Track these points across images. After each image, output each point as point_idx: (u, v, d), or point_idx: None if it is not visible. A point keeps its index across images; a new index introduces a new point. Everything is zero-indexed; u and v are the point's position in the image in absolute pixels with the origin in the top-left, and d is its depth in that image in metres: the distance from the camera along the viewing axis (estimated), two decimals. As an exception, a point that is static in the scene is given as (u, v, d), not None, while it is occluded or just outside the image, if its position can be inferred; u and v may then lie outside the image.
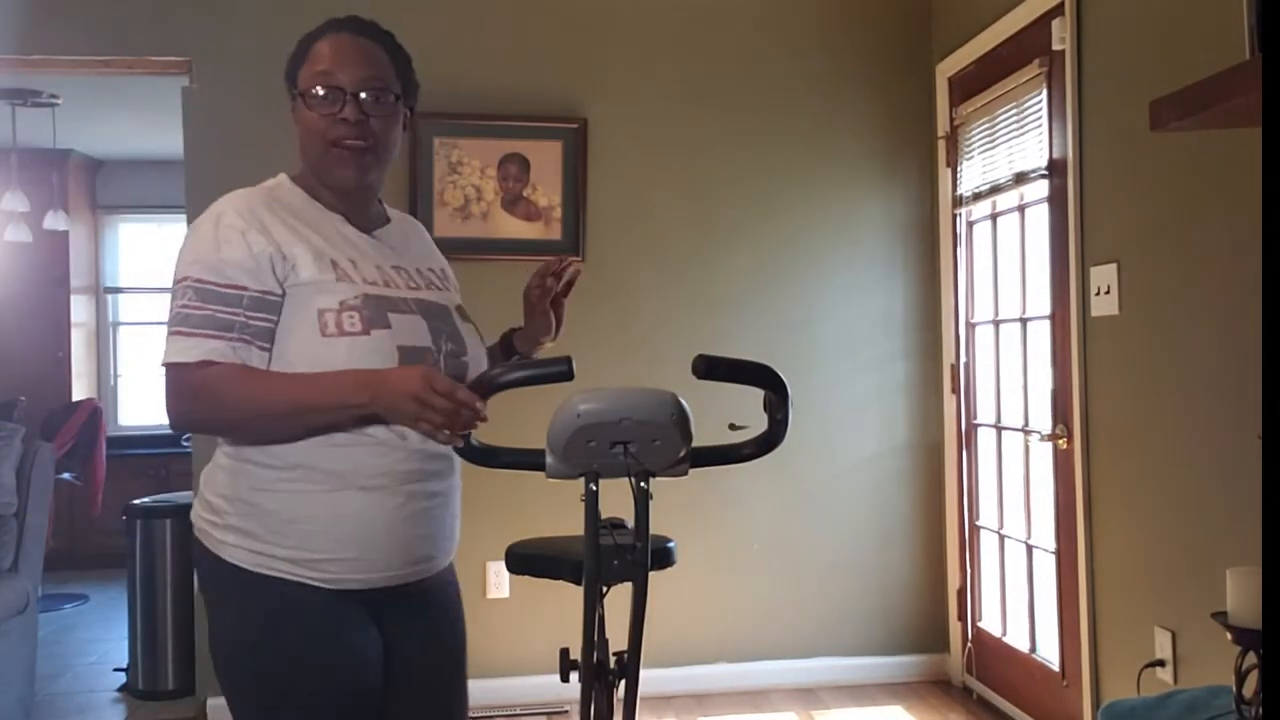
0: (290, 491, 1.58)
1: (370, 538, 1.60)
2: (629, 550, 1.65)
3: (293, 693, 1.57)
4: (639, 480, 1.62)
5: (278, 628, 1.58)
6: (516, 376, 1.64)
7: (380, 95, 1.66)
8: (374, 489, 1.59)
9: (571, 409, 1.58)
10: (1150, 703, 2.08)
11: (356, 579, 1.60)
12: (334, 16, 1.73)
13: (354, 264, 1.64)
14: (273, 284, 1.57)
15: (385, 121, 1.66)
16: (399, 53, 1.74)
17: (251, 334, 1.56)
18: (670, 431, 1.60)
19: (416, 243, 1.84)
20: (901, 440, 4.08)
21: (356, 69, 1.65)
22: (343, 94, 1.63)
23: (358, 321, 1.57)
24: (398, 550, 1.63)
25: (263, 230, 1.59)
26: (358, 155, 1.65)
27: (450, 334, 1.68)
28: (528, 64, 3.92)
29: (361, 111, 1.64)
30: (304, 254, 1.60)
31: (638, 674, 1.70)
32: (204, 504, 1.67)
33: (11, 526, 3.56)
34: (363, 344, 1.56)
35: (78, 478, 5.92)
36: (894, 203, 4.10)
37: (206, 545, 1.63)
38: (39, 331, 6.72)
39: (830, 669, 4.01)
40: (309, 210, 1.68)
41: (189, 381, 1.56)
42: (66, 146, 6.55)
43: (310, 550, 1.57)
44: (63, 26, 3.77)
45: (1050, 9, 3.20)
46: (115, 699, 4.09)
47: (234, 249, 1.57)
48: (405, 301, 1.65)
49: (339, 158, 1.65)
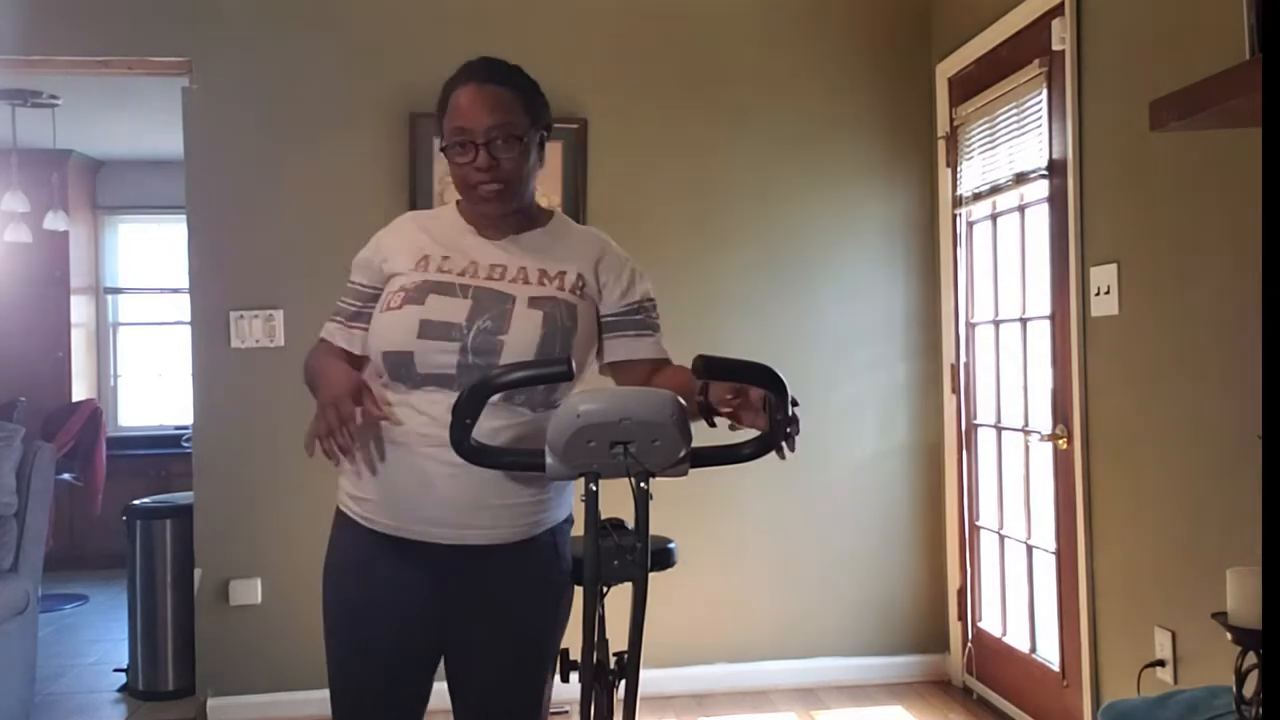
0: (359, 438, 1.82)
1: (393, 496, 1.82)
2: (629, 551, 1.65)
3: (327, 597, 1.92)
4: (639, 480, 1.62)
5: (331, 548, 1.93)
6: (516, 377, 1.65)
7: (507, 139, 1.84)
8: (399, 444, 1.80)
9: (571, 409, 1.58)
10: (1150, 703, 2.08)
11: (382, 522, 1.83)
12: (469, 61, 1.91)
13: (446, 259, 1.88)
14: (376, 280, 1.93)
15: (515, 160, 1.86)
16: (526, 85, 1.93)
17: (346, 317, 1.95)
18: (670, 432, 1.60)
19: (548, 247, 1.94)
20: (901, 440, 4.08)
21: (485, 118, 1.83)
22: (474, 145, 1.83)
23: (400, 300, 1.83)
24: (412, 510, 1.80)
25: (385, 241, 1.95)
26: (493, 195, 1.86)
27: (495, 315, 1.81)
28: (528, 64, 3.87)
29: (492, 157, 1.83)
30: (405, 252, 1.90)
31: (638, 674, 1.70)
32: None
33: (11, 527, 3.56)
34: (394, 316, 1.83)
35: (78, 478, 5.92)
36: (894, 203, 4.10)
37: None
38: (39, 332, 6.71)
39: (830, 669, 4.01)
40: (450, 222, 1.95)
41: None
42: (66, 147, 6.55)
43: (355, 488, 1.87)
44: (63, 27, 3.77)
45: (1050, 9, 3.20)
46: (115, 699, 4.09)
47: (363, 251, 1.97)
48: (461, 287, 1.84)
49: (478, 197, 1.87)
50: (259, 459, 3.71)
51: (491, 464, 1.72)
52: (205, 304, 3.81)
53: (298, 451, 1.86)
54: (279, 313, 3.79)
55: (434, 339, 1.78)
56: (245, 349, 3.78)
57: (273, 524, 3.75)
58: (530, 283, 1.87)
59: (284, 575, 3.72)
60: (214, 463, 3.79)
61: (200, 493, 3.81)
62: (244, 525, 3.78)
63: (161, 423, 7.10)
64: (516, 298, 1.84)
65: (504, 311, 1.82)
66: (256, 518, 3.78)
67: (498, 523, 1.81)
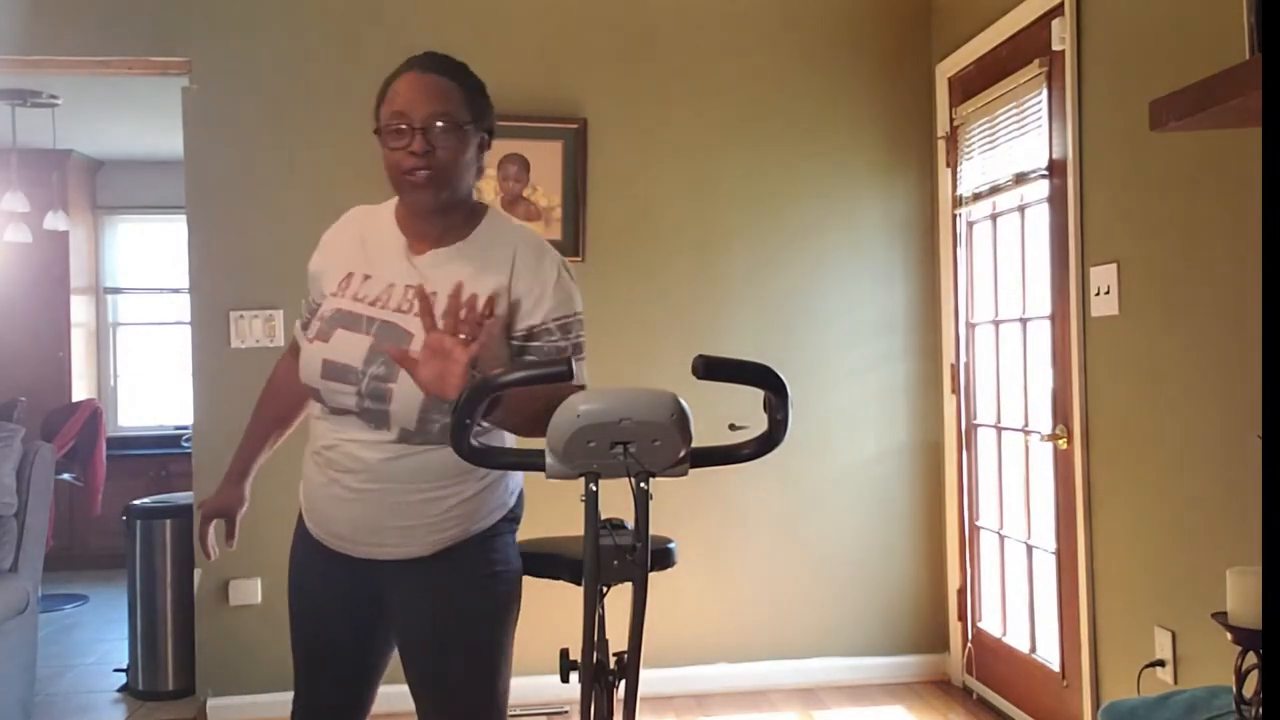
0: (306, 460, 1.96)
1: (313, 505, 1.94)
2: (629, 550, 1.65)
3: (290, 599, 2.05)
4: (639, 480, 1.62)
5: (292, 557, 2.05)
6: (516, 377, 1.65)
7: (448, 127, 1.81)
8: (318, 461, 1.91)
9: (571, 409, 1.58)
10: (1150, 703, 2.08)
11: (318, 533, 1.94)
12: (413, 55, 1.88)
13: (367, 279, 1.87)
14: (318, 296, 1.94)
15: (451, 150, 1.81)
16: (469, 82, 1.88)
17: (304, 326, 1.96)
18: (670, 432, 1.60)
19: (471, 259, 1.86)
20: (901, 440, 4.08)
21: (424, 104, 1.80)
22: (411, 129, 1.79)
23: (314, 332, 1.88)
24: (325, 523, 1.91)
25: (327, 250, 1.96)
26: (425, 182, 1.81)
27: (388, 361, 1.77)
28: (528, 64, 3.92)
29: (429, 143, 1.79)
30: (334, 271, 1.91)
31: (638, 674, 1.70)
32: None
33: (11, 527, 3.56)
34: (308, 352, 1.87)
35: (78, 478, 5.92)
36: (894, 203, 4.10)
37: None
38: (39, 332, 6.71)
39: (830, 669, 4.01)
40: (386, 230, 1.92)
41: None
42: (66, 147, 6.55)
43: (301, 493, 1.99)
44: (62, 27, 3.77)
45: (1050, 9, 3.20)
46: (115, 699, 4.09)
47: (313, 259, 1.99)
48: (367, 320, 1.83)
49: (410, 185, 1.82)
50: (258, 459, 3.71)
51: (492, 464, 1.72)
52: (205, 304, 3.81)
53: (297, 451, 1.86)
54: (279, 313, 3.79)
55: (334, 380, 1.82)
56: (245, 349, 3.78)
57: (273, 524, 3.74)
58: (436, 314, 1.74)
59: (284, 575, 3.66)
60: (214, 463, 3.77)
61: (200, 493, 3.80)
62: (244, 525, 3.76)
63: (161, 423, 7.10)
64: (415, 336, 1.76)
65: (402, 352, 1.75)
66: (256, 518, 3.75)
67: (404, 541, 1.86)
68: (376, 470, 1.83)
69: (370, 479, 1.83)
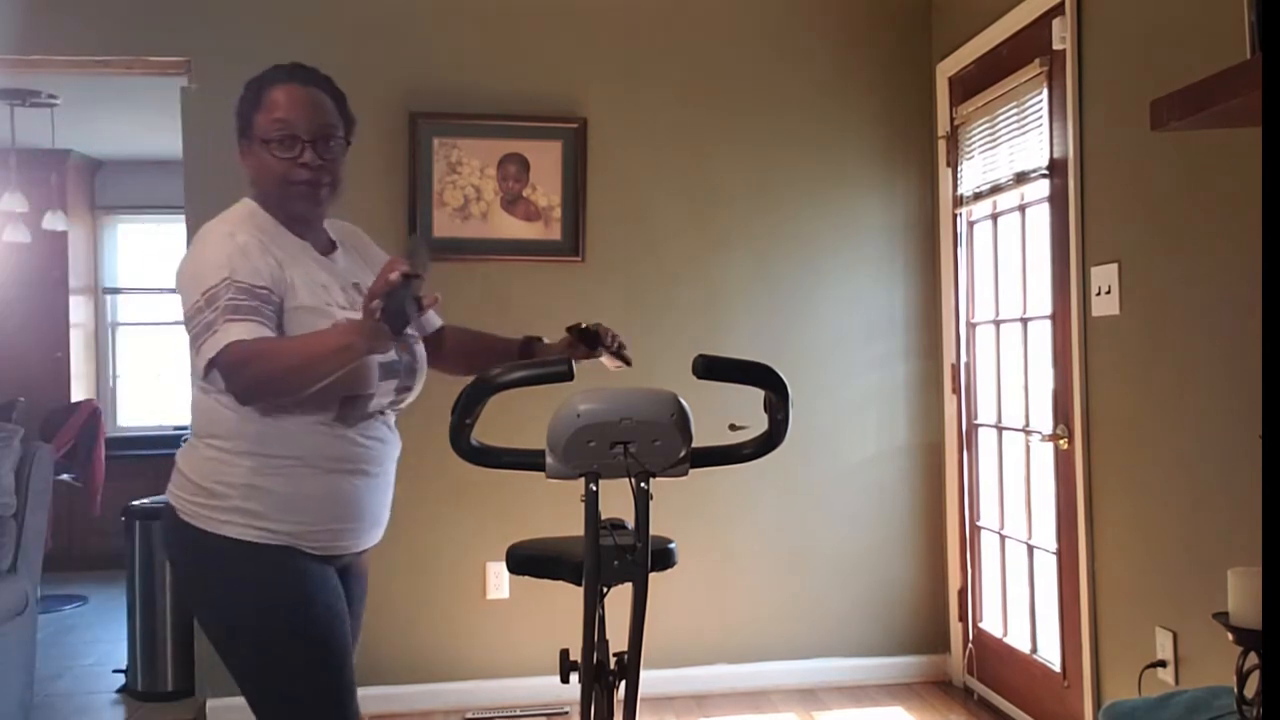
0: (290, 476, 1.83)
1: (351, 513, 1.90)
2: (629, 551, 1.65)
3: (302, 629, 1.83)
4: (639, 480, 1.62)
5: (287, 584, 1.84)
6: (516, 376, 1.65)
7: (333, 140, 1.91)
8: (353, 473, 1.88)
9: (571, 409, 1.58)
10: (1151, 703, 2.08)
11: (338, 546, 1.90)
12: (279, 64, 1.95)
13: (326, 289, 1.89)
14: (280, 294, 1.83)
15: (336, 161, 1.92)
16: (338, 94, 1.97)
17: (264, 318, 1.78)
18: (670, 432, 1.60)
19: (359, 255, 2.07)
20: (902, 440, 4.08)
21: (311, 120, 1.88)
22: (299, 141, 1.87)
23: None
24: (337, 523, 1.89)
25: (268, 251, 1.84)
26: (314, 191, 1.90)
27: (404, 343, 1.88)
28: (528, 64, 3.92)
29: (319, 156, 1.89)
30: (300, 279, 1.85)
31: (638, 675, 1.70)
32: (197, 490, 1.86)
33: (11, 527, 3.56)
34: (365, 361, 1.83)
35: (77, 479, 5.91)
36: (894, 202, 4.09)
37: (199, 525, 1.84)
38: (38, 332, 6.71)
39: (830, 669, 4.01)
40: (285, 238, 1.91)
41: (247, 351, 1.73)
42: (65, 147, 6.55)
43: (308, 524, 1.84)
44: (62, 26, 3.76)
45: (1050, 8, 3.19)
46: (115, 700, 4.09)
47: (260, 260, 1.81)
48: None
49: (299, 194, 1.90)
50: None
51: (492, 464, 1.72)
52: (204, 304, 3.79)
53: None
54: (278, 313, 3.78)
55: (388, 379, 1.88)
56: (244, 349, 3.77)
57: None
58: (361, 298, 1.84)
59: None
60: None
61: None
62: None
63: (161, 423, 7.09)
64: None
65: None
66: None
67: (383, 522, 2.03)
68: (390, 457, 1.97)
69: (384, 467, 1.95)
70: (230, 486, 1.82)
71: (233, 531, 1.82)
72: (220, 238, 1.84)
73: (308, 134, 1.87)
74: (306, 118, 1.87)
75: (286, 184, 1.88)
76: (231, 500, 1.82)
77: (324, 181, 1.90)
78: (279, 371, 1.72)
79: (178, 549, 1.93)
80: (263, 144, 1.88)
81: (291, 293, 1.83)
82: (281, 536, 1.82)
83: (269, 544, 1.82)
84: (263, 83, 1.91)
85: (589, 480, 1.64)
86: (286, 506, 1.82)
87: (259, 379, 1.73)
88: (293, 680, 1.83)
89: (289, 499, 1.83)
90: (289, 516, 1.83)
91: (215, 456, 1.84)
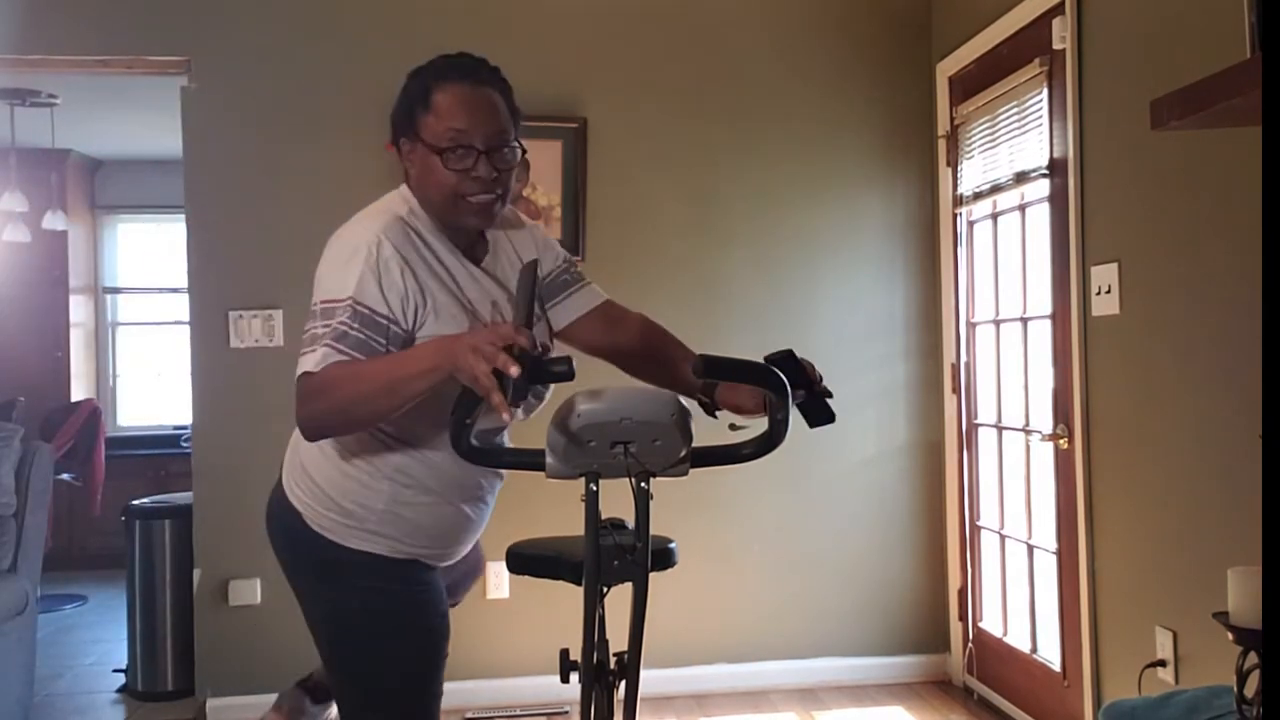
0: (425, 508, 1.87)
1: (469, 535, 1.99)
2: (629, 551, 1.65)
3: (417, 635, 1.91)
4: (639, 480, 1.62)
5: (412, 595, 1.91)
6: (516, 377, 1.64)
7: (506, 148, 1.77)
8: (474, 500, 1.94)
9: (571, 409, 1.58)
10: (1151, 703, 2.08)
11: (449, 556, 1.98)
12: (446, 54, 1.80)
13: (472, 312, 1.79)
14: (409, 324, 1.72)
15: (510, 171, 1.78)
16: (508, 89, 1.83)
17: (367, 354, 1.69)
18: (671, 431, 1.60)
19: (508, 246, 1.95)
20: (902, 440, 4.08)
21: (486, 126, 1.74)
22: (475, 152, 1.73)
23: None
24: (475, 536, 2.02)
25: (412, 270, 1.73)
26: (488, 207, 1.78)
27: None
28: (528, 64, 3.89)
29: (494, 168, 1.75)
30: (445, 303, 1.75)
31: (638, 675, 1.70)
32: (333, 505, 1.87)
33: (11, 527, 3.56)
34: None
35: (77, 478, 5.91)
36: (894, 202, 4.09)
37: (333, 539, 1.87)
38: (38, 332, 6.71)
39: (830, 669, 4.01)
40: (437, 243, 1.80)
41: (313, 383, 1.65)
42: (65, 146, 6.54)
43: (435, 547, 1.93)
44: (61, 26, 3.76)
45: (1050, 8, 3.19)
46: (115, 700, 4.09)
47: (394, 282, 1.70)
48: None
49: (470, 209, 1.77)
50: (258, 459, 3.68)
51: (492, 463, 1.72)
52: (204, 304, 3.80)
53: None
54: (278, 313, 3.78)
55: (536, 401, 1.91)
56: (244, 349, 3.78)
57: (272, 524, 3.74)
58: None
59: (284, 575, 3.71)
60: (213, 463, 3.79)
61: (199, 493, 3.81)
62: (243, 525, 3.75)
63: (160, 423, 7.09)
64: None
65: None
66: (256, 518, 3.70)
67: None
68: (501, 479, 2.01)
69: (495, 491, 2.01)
70: (370, 510, 1.84)
71: (367, 547, 1.86)
72: (364, 246, 1.71)
73: (484, 144, 1.73)
74: (483, 125, 1.73)
75: (457, 198, 1.75)
76: (369, 524, 1.85)
77: (497, 194, 1.77)
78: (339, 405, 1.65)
79: (303, 554, 1.95)
80: (431, 149, 1.73)
81: (431, 319, 1.73)
82: (410, 552, 1.89)
83: (399, 558, 1.88)
84: (431, 78, 1.75)
85: (589, 480, 1.63)
86: (419, 533, 1.88)
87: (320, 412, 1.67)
88: (404, 679, 1.89)
89: (421, 527, 1.88)
90: (420, 541, 1.89)
91: (357, 478, 1.84)
